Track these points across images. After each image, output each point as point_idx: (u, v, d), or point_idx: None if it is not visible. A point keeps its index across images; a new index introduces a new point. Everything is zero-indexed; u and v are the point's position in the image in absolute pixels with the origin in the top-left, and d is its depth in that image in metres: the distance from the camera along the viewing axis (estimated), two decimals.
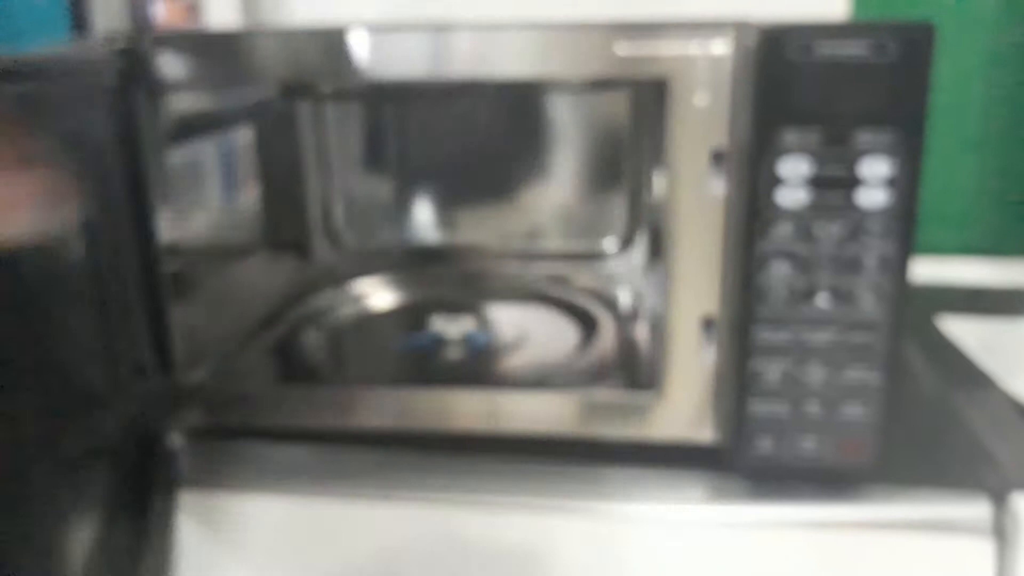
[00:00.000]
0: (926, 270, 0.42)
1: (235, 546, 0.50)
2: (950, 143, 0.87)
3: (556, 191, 0.75)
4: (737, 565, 0.46)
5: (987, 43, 0.85)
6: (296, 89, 0.68)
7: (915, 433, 0.50)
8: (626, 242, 0.75)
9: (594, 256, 0.75)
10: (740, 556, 0.46)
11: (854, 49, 0.38)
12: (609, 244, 0.75)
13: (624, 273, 0.74)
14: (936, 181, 0.40)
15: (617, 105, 0.72)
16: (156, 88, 0.46)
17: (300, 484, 0.50)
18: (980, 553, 0.44)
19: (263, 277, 0.43)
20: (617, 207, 0.75)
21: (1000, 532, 0.44)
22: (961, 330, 0.67)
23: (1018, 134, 0.87)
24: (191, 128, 0.54)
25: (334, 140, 0.75)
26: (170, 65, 0.46)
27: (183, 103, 0.52)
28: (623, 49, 0.41)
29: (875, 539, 0.45)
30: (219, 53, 0.46)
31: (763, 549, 0.45)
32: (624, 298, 0.68)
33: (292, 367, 0.57)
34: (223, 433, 0.54)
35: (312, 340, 0.60)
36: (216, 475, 0.50)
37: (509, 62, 0.43)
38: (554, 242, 0.76)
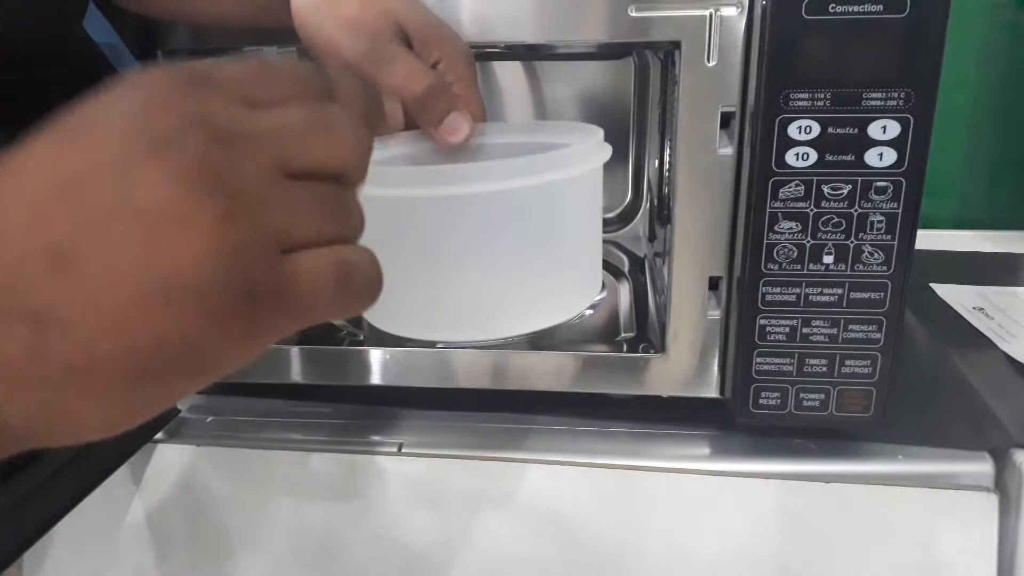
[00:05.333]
0: (920, 242, 0.42)
1: (254, 498, 0.51)
2: (943, 118, 0.88)
3: None
4: (743, 519, 0.47)
5: (981, 19, 0.86)
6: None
7: (917, 392, 0.51)
8: (630, 211, 0.76)
9: None
10: (746, 510, 0.47)
11: (868, 7, 0.38)
12: (613, 214, 0.76)
13: (628, 241, 0.75)
14: (930, 155, 0.40)
15: (622, 75, 0.72)
16: None
17: (317, 438, 0.51)
18: (982, 508, 0.45)
19: None
20: (620, 178, 0.75)
21: (1002, 487, 0.45)
22: (957, 296, 0.68)
23: (1010, 109, 0.88)
24: None
25: None
26: None
27: None
28: (637, 11, 0.42)
29: (879, 494, 0.46)
30: None
31: (769, 503, 0.47)
32: (628, 264, 0.69)
33: (309, 329, 0.58)
34: (242, 390, 0.55)
35: None
36: (235, 431, 0.52)
37: (522, 26, 0.44)
38: None
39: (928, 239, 0.84)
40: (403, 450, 0.49)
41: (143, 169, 0.19)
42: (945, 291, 0.69)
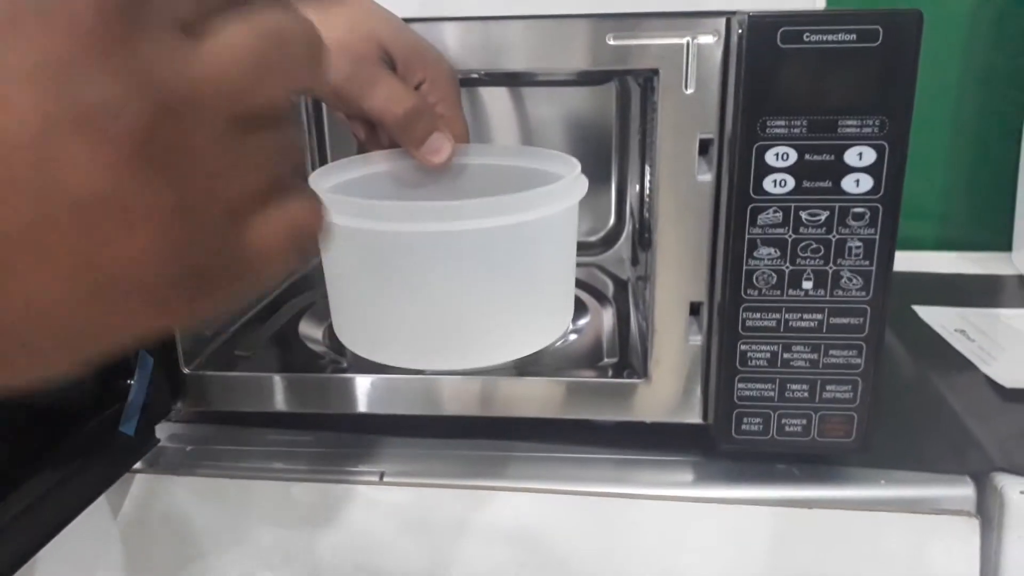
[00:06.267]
0: (903, 264, 0.43)
1: (235, 527, 0.50)
2: (924, 141, 0.89)
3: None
4: (724, 544, 0.47)
5: (959, 43, 0.87)
6: None
7: (899, 416, 0.51)
8: (614, 234, 0.76)
9: (582, 248, 0.76)
10: (729, 536, 0.47)
11: (842, 36, 0.39)
12: (596, 237, 0.76)
13: (611, 264, 0.75)
14: (909, 177, 0.41)
15: (604, 101, 0.73)
16: None
17: (298, 467, 0.50)
18: (964, 532, 0.45)
19: None
20: (604, 201, 0.76)
21: (983, 511, 0.45)
22: (938, 318, 0.69)
23: (990, 131, 0.89)
24: None
25: (330, 131, 0.76)
26: None
27: None
28: (615, 39, 0.42)
29: (862, 519, 0.46)
30: None
31: (751, 528, 0.46)
32: (611, 287, 0.69)
33: (290, 356, 0.57)
34: (222, 419, 0.55)
35: (309, 331, 0.60)
36: (215, 460, 0.51)
37: (503, 53, 0.44)
38: None
39: (910, 261, 0.85)
40: (385, 478, 0.49)
41: (69, 149, 0.15)
42: (927, 313, 0.70)
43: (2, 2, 0.15)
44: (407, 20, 0.44)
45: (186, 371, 0.51)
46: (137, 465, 0.50)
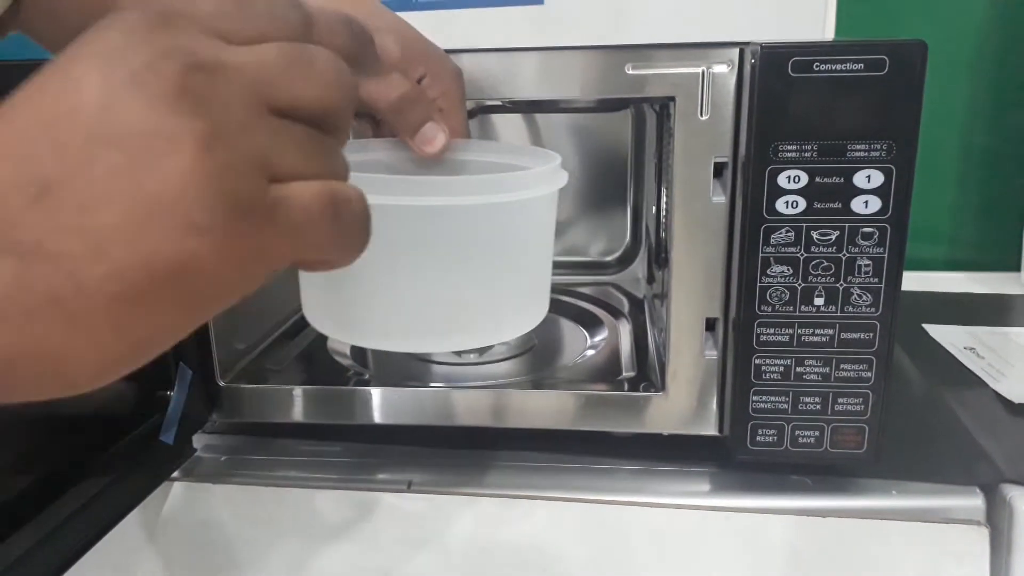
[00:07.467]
0: (912, 284, 0.44)
1: (268, 534, 0.52)
2: (933, 164, 0.90)
3: (563, 208, 0.78)
4: (740, 552, 0.48)
5: (967, 66, 0.89)
6: None
7: (910, 429, 0.53)
8: (630, 254, 0.78)
9: (599, 267, 0.78)
10: (745, 545, 0.48)
11: (850, 65, 0.41)
12: (612, 257, 0.78)
13: (627, 283, 0.77)
14: (920, 199, 0.42)
15: (620, 126, 0.75)
16: None
17: (328, 476, 0.52)
18: (973, 541, 0.46)
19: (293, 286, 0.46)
20: (620, 222, 0.78)
21: (992, 521, 0.47)
22: (948, 336, 0.70)
23: (999, 154, 0.91)
24: None
25: None
26: None
27: None
28: (634, 69, 0.44)
29: (874, 528, 0.47)
30: None
31: (765, 537, 0.48)
32: (627, 305, 0.71)
33: (318, 370, 0.60)
34: (254, 430, 0.57)
35: (336, 346, 0.62)
36: (249, 469, 0.53)
37: (526, 83, 0.46)
38: (560, 255, 0.79)
39: (920, 281, 0.86)
40: (412, 487, 0.50)
41: (122, 98, 0.19)
42: (937, 331, 0.71)
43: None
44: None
45: (222, 383, 0.54)
46: (174, 474, 0.52)
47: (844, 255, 0.44)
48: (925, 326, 0.72)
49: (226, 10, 0.22)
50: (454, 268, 0.41)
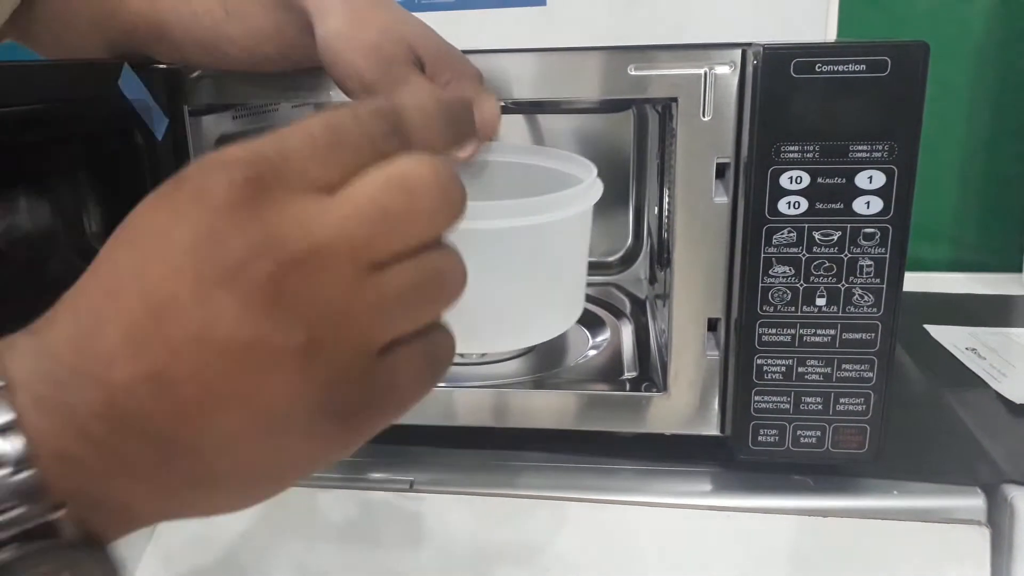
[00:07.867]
0: (914, 285, 0.44)
1: (269, 535, 0.52)
2: (935, 165, 0.91)
3: None
4: (744, 553, 0.48)
5: (969, 66, 0.89)
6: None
7: (911, 429, 0.53)
8: (631, 255, 0.78)
9: (601, 268, 0.78)
10: (747, 544, 0.48)
11: (852, 67, 0.41)
12: (614, 257, 0.79)
13: (628, 283, 0.77)
14: (921, 200, 0.43)
15: (623, 126, 0.75)
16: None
17: (326, 476, 0.52)
18: (975, 541, 0.46)
19: None
20: (622, 223, 0.78)
21: (993, 521, 0.47)
22: (950, 337, 0.70)
23: (1000, 156, 0.91)
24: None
25: None
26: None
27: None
28: (636, 70, 0.44)
29: (875, 528, 0.47)
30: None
31: (767, 536, 0.48)
32: (629, 305, 0.71)
33: None
34: None
35: None
36: None
37: (529, 84, 0.46)
38: None
39: (922, 282, 0.86)
40: (414, 487, 0.51)
41: (217, 301, 0.18)
42: (938, 332, 0.71)
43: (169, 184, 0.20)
44: None
45: None
46: None
47: (846, 256, 0.44)
48: (927, 327, 0.72)
49: (317, 149, 0.20)
50: (505, 283, 0.44)
